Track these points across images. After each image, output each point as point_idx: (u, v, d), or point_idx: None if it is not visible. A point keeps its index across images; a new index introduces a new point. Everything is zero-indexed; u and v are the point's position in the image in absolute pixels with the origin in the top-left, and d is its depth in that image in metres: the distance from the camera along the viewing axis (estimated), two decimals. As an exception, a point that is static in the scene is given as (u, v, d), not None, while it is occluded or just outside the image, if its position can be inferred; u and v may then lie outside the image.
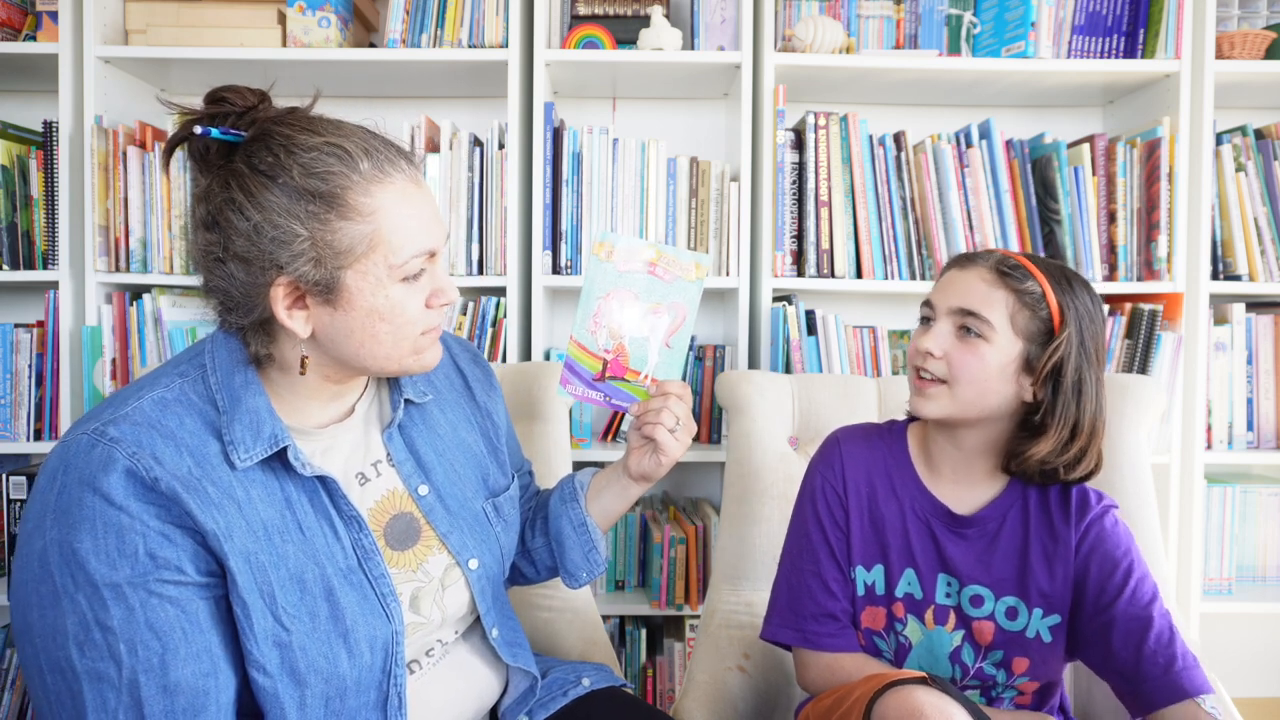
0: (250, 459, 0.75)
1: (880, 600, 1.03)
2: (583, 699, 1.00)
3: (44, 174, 1.73)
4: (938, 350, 0.94)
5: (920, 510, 1.03)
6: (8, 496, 1.72)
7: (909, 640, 1.02)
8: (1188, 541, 1.75)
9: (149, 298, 1.69)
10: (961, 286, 0.95)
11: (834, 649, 1.02)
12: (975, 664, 1.00)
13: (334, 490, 0.80)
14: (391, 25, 1.73)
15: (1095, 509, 0.98)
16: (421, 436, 0.92)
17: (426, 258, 0.78)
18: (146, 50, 1.70)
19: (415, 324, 0.79)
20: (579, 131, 1.74)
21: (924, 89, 1.88)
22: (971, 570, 0.99)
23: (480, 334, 1.74)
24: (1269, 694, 2.04)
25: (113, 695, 0.68)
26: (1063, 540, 0.97)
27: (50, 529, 0.69)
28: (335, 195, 0.73)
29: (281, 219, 0.72)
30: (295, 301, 0.75)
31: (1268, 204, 1.76)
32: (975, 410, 0.95)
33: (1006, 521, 1.00)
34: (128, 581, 0.69)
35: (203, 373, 0.78)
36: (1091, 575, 0.96)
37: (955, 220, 1.71)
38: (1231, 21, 1.82)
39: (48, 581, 0.69)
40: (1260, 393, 1.79)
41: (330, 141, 0.74)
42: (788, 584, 1.06)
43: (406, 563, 0.85)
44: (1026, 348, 0.93)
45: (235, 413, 0.76)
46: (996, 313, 0.92)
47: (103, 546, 0.69)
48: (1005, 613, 0.99)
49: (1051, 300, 0.93)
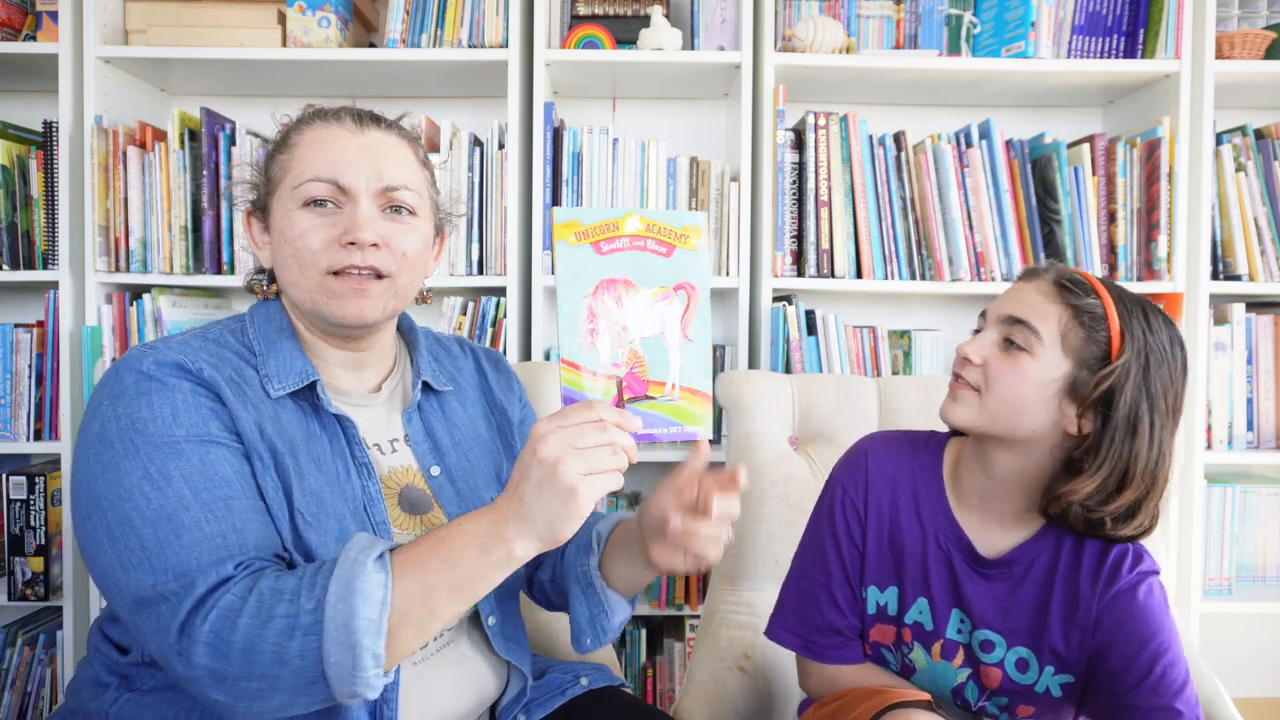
0: (283, 389, 0.81)
1: (891, 620, 1.00)
2: (581, 698, 1.00)
3: (44, 174, 1.73)
4: (976, 357, 0.88)
5: (943, 542, 0.95)
6: (8, 496, 1.71)
7: (914, 664, 0.99)
8: (1188, 541, 1.75)
9: (149, 298, 1.69)
10: (1020, 297, 0.88)
11: (838, 661, 1.00)
12: (979, 702, 0.96)
13: (352, 435, 0.85)
14: (391, 25, 1.73)
15: (1126, 579, 0.88)
16: (439, 423, 0.95)
17: (333, 189, 0.82)
18: (146, 50, 1.70)
19: (317, 254, 0.82)
20: (579, 131, 1.74)
21: (924, 89, 1.88)
22: (987, 614, 0.92)
23: (480, 334, 1.74)
24: (1269, 694, 2.04)
25: (185, 533, 0.69)
26: (1084, 606, 0.88)
27: (107, 409, 0.74)
28: (283, 137, 0.87)
29: (262, 165, 0.89)
30: (260, 231, 0.88)
31: (1268, 204, 1.76)
32: (1005, 427, 0.86)
33: (1032, 570, 0.91)
34: (185, 438, 0.73)
35: (241, 326, 0.87)
36: (1114, 654, 0.86)
37: (955, 220, 1.71)
38: (1231, 21, 1.82)
39: (108, 450, 0.73)
40: (1260, 392, 1.79)
41: (314, 108, 0.88)
42: (798, 590, 1.03)
43: (414, 527, 0.87)
44: (1076, 371, 0.84)
45: (270, 353, 0.84)
46: (1047, 325, 0.85)
47: (159, 413, 0.74)
48: (1016, 664, 0.92)
49: (1114, 322, 0.83)
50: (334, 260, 0.82)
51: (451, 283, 1.72)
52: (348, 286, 0.82)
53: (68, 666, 1.73)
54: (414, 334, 0.99)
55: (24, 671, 1.76)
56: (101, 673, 0.82)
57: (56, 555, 1.74)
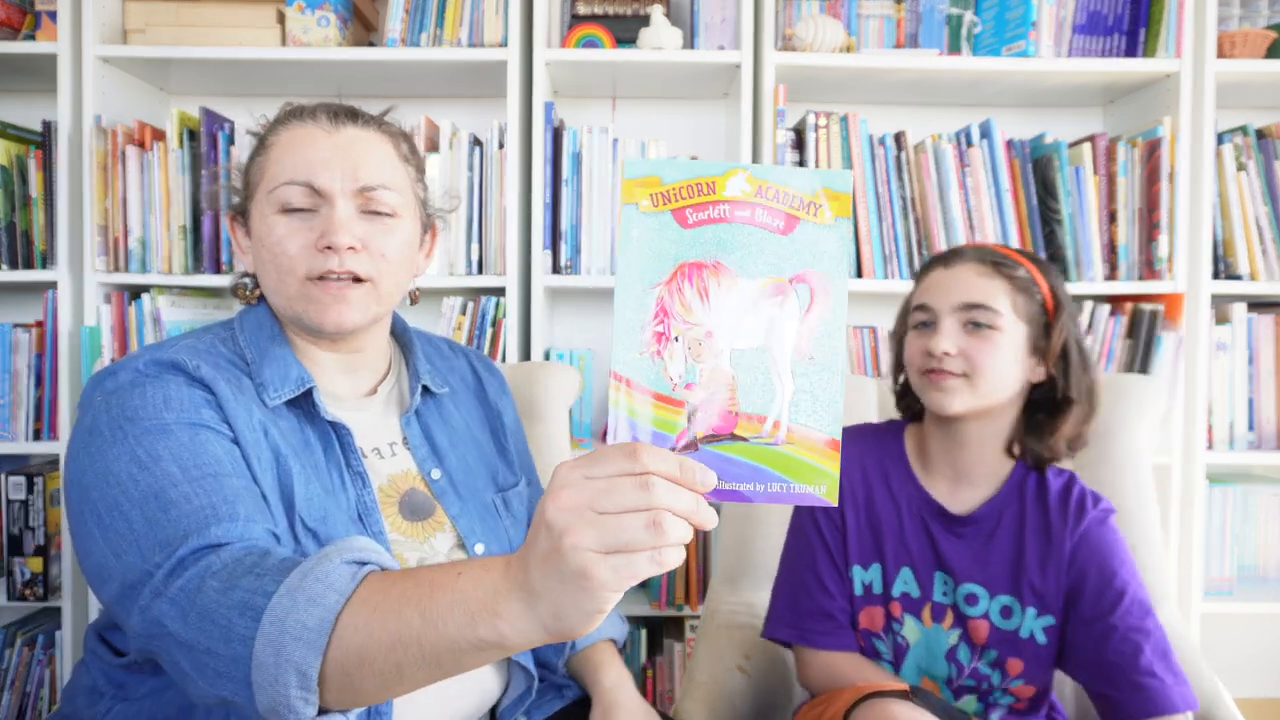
0: (279, 397, 0.80)
1: (878, 600, 1.04)
2: (581, 699, 1.00)
3: (43, 174, 1.73)
4: (953, 348, 0.95)
5: (916, 509, 1.03)
6: (7, 497, 1.71)
7: (907, 640, 1.03)
8: (1189, 542, 1.75)
9: (148, 297, 1.69)
10: (959, 284, 0.96)
11: (830, 647, 1.03)
12: (971, 663, 1.00)
13: (347, 443, 0.83)
14: (391, 25, 1.72)
15: (1093, 514, 0.98)
16: (437, 425, 0.94)
17: (308, 192, 0.80)
18: (146, 50, 1.69)
19: (294, 261, 0.80)
20: (579, 131, 1.74)
21: (924, 89, 1.88)
22: (967, 569, 1.00)
23: (480, 334, 1.74)
24: (1269, 694, 2.04)
25: (173, 508, 0.66)
26: (1057, 543, 0.98)
27: (99, 404, 0.73)
28: (262, 139, 0.85)
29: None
30: (243, 236, 0.87)
31: (1269, 204, 1.76)
32: (994, 399, 0.96)
33: (1003, 520, 1.00)
34: (176, 422, 0.72)
35: (231, 334, 0.85)
36: (1088, 584, 0.96)
37: (956, 220, 1.71)
38: (1232, 21, 1.82)
39: (97, 439, 0.71)
40: (1261, 393, 1.79)
41: (291, 106, 0.87)
42: (787, 583, 1.08)
43: (416, 533, 0.86)
44: (1029, 330, 0.96)
45: (263, 360, 0.81)
46: (1000, 301, 0.95)
47: (150, 400, 0.72)
48: (1000, 611, 0.99)
49: (1042, 282, 0.97)
50: (312, 266, 0.80)
51: (451, 283, 1.72)
52: (327, 293, 0.80)
53: (66, 667, 1.72)
54: (408, 336, 0.97)
55: (23, 672, 1.76)
56: (98, 678, 0.81)
57: (55, 556, 1.73)
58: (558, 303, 2.01)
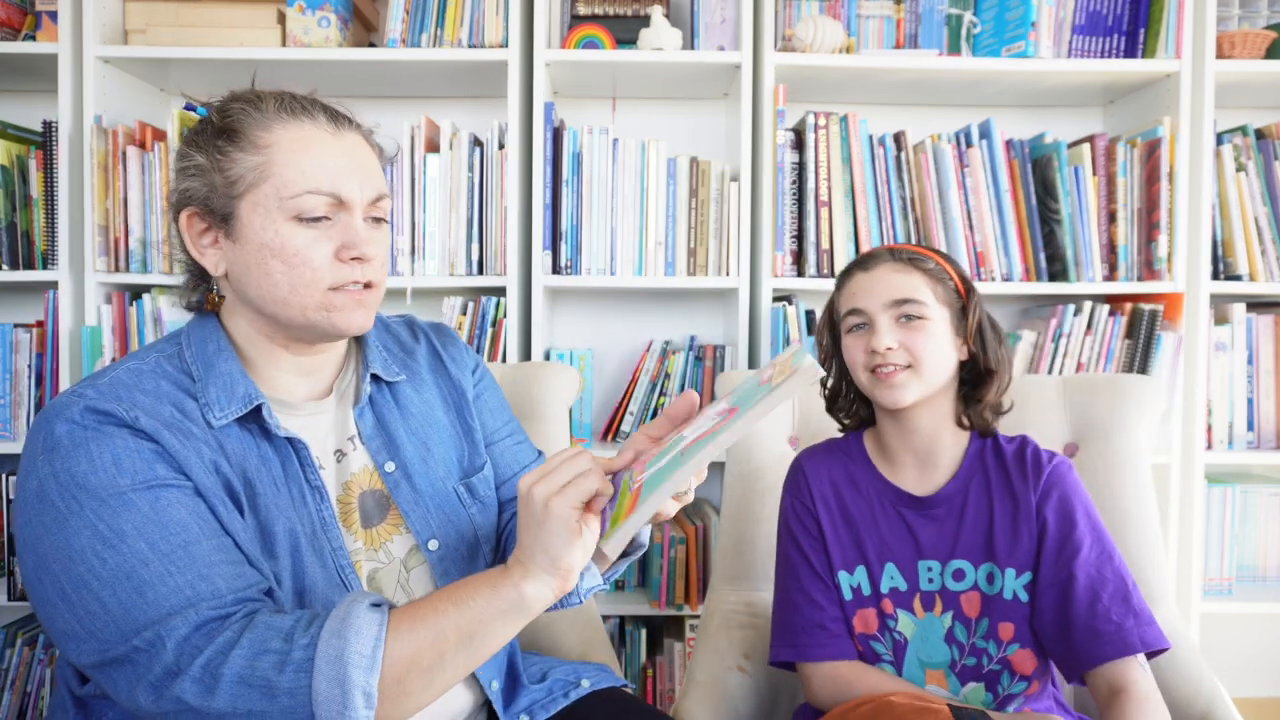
0: (226, 417, 0.78)
1: (869, 601, 1.06)
2: (583, 700, 1.00)
3: (43, 174, 1.73)
4: (894, 343, 1.02)
5: (889, 501, 1.08)
6: (7, 496, 1.71)
7: (904, 635, 1.04)
8: (1188, 542, 1.75)
9: (148, 297, 1.69)
10: (884, 284, 1.04)
11: (828, 657, 1.04)
12: (969, 640, 1.02)
13: (304, 457, 0.82)
14: (391, 25, 1.72)
15: (1050, 465, 1.05)
16: (392, 415, 0.92)
17: (331, 203, 0.79)
18: (146, 50, 1.70)
19: (319, 273, 0.78)
20: (579, 131, 1.74)
21: (924, 89, 1.88)
22: (948, 547, 1.04)
23: (480, 334, 1.74)
24: (1269, 694, 2.04)
25: (149, 589, 0.67)
26: (1023, 501, 1.03)
27: (43, 465, 0.70)
28: (234, 129, 0.79)
29: (193, 155, 0.80)
30: (204, 233, 0.81)
31: (1268, 204, 1.76)
32: (937, 383, 1.03)
33: (970, 493, 1.05)
34: (131, 487, 0.70)
35: (178, 349, 0.82)
36: (1050, 530, 1.01)
37: (955, 220, 1.71)
38: (1232, 21, 1.82)
39: (50, 510, 0.69)
40: (1260, 392, 1.79)
41: (251, 93, 0.83)
42: (780, 606, 1.10)
43: (370, 540, 0.86)
44: (950, 314, 1.05)
45: (209, 377, 0.79)
46: (924, 293, 1.03)
47: (99, 464, 0.70)
48: (985, 578, 1.03)
49: (950, 270, 1.07)
50: (338, 277, 0.79)
51: (451, 283, 1.72)
52: (350, 299, 0.80)
53: (67, 667, 1.73)
54: None
55: (23, 672, 1.76)
56: (66, 698, 0.80)
57: (56, 555, 1.74)
58: (558, 303, 2.01)
